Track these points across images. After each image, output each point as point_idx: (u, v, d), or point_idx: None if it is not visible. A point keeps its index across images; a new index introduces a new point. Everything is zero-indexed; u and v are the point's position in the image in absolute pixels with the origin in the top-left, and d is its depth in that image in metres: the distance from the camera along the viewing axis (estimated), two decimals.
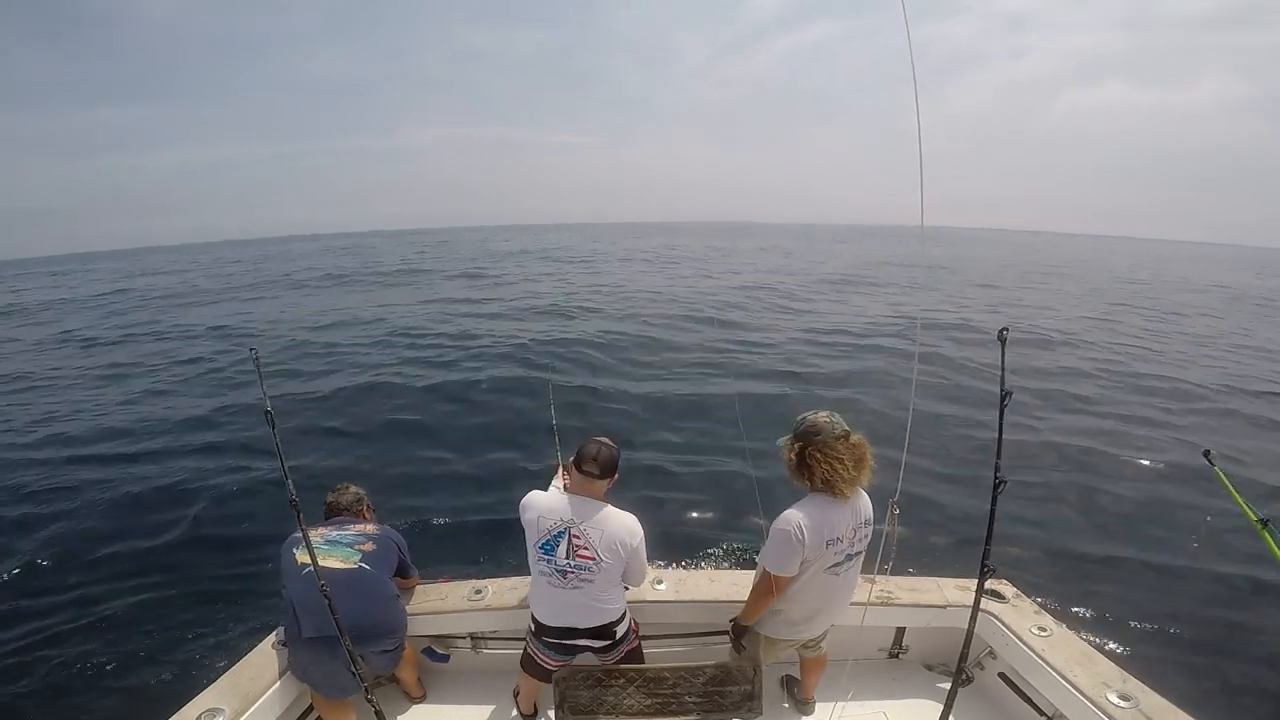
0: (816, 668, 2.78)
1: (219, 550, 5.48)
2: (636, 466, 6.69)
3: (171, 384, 11.32)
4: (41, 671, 4.06)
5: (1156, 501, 6.37)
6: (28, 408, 10.20)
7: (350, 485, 2.95)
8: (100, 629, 4.47)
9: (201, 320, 18.45)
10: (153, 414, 9.40)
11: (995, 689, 2.85)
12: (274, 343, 14.23)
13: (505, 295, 21.38)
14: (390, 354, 12.71)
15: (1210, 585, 4.98)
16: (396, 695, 2.95)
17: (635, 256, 41.31)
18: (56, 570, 5.26)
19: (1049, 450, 7.58)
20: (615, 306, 18.30)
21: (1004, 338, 1.80)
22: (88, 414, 9.61)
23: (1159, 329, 17.18)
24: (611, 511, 2.38)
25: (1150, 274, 41.31)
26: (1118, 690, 2.30)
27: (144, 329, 17.73)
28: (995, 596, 2.86)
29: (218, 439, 8.17)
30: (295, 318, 18.13)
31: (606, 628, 2.47)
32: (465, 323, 15.86)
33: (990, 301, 21.62)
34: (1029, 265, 43.05)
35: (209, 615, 4.55)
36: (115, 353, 14.60)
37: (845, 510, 2.23)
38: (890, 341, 13.61)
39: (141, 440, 8.30)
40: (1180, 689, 2.39)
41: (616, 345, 12.95)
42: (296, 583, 2.44)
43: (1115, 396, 10.08)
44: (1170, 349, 14.40)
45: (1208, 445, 2.48)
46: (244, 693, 2.38)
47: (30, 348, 16.13)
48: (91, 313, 22.74)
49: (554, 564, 2.35)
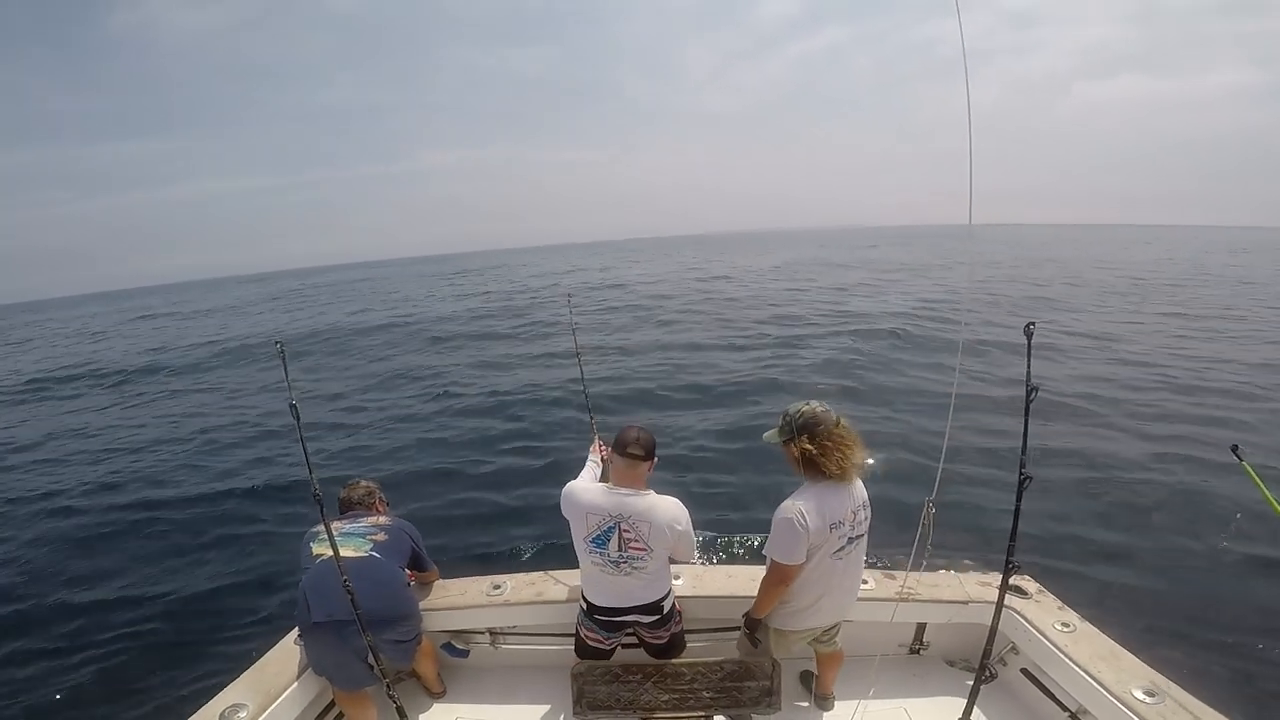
0: (833, 663, 2.76)
1: (239, 548, 5.56)
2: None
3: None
4: (69, 669, 4.16)
5: (1184, 496, 6.26)
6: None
7: (362, 479, 2.99)
8: (125, 627, 4.56)
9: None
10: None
11: (1018, 685, 2.81)
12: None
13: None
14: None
15: (1238, 581, 4.89)
16: (416, 690, 2.97)
17: (794, 273, 34.57)
18: (77, 568, 5.38)
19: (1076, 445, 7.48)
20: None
21: (1030, 333, 1.76)
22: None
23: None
24: (656, 500, 2.40)
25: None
26: (1143, 686, 2.26)
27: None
28: (1018, 592, 2.82)
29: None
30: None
31: (656, 603, 2.50)
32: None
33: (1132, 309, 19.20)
34: (1084, 260, 40.72)
35: (231, 612, 4.62)
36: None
37: (844, 494, 2.26)
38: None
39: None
40: (1206, 685, 2.35)
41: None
42: (310, 571, 2.47)
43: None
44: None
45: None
46: (266, 688, 2.41)
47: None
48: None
49: (607, 556, 2.38)
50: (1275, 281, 27.28)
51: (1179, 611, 4.47)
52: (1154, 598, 4.64)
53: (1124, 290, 23.55)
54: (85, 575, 5.31)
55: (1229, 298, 21.21)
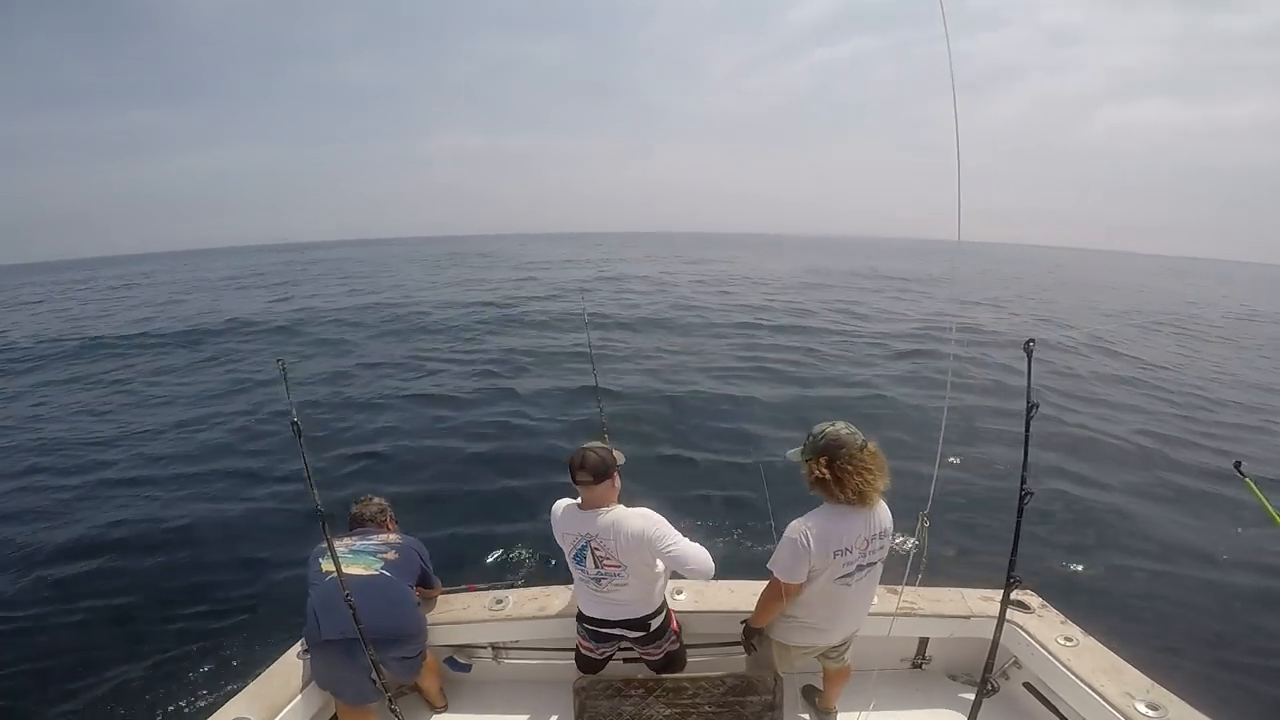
0: (839, 679, 2.76)
1: (243, 561, 5.55)
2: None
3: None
4: (71, 681, 4.15)
5: (1187, 511, 6.25)
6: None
7: (374, 496, 3.02)
8: (129, 639, 4.54)
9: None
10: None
11: (1020, 699, 2.80)
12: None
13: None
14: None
15: (1241, 596, 4.88)
16: (419, 704, 2.97)
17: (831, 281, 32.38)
18: (80, 577, 5.36)
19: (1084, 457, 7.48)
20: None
21: (1030, 349, 1.79)
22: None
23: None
24: (622, 514, 2.40)
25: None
26: (1145, 700, 2.26)
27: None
28: (1021, 607, 2.82)
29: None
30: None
31: (641, 620, 2.52)
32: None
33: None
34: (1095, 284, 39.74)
35: (235, 625, 4.61)
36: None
37: (859, 521, 2.23)
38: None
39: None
40: (1210, 699, 2.34)
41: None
42: (319, 588, 2.50)
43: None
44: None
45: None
46: (270, 701, 2.41)
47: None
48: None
49: (586, 572, 2.46)
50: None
51: (1182, 625, 4.46)
52: (1157, 613, 4.62)
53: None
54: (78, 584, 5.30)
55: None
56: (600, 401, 4.07)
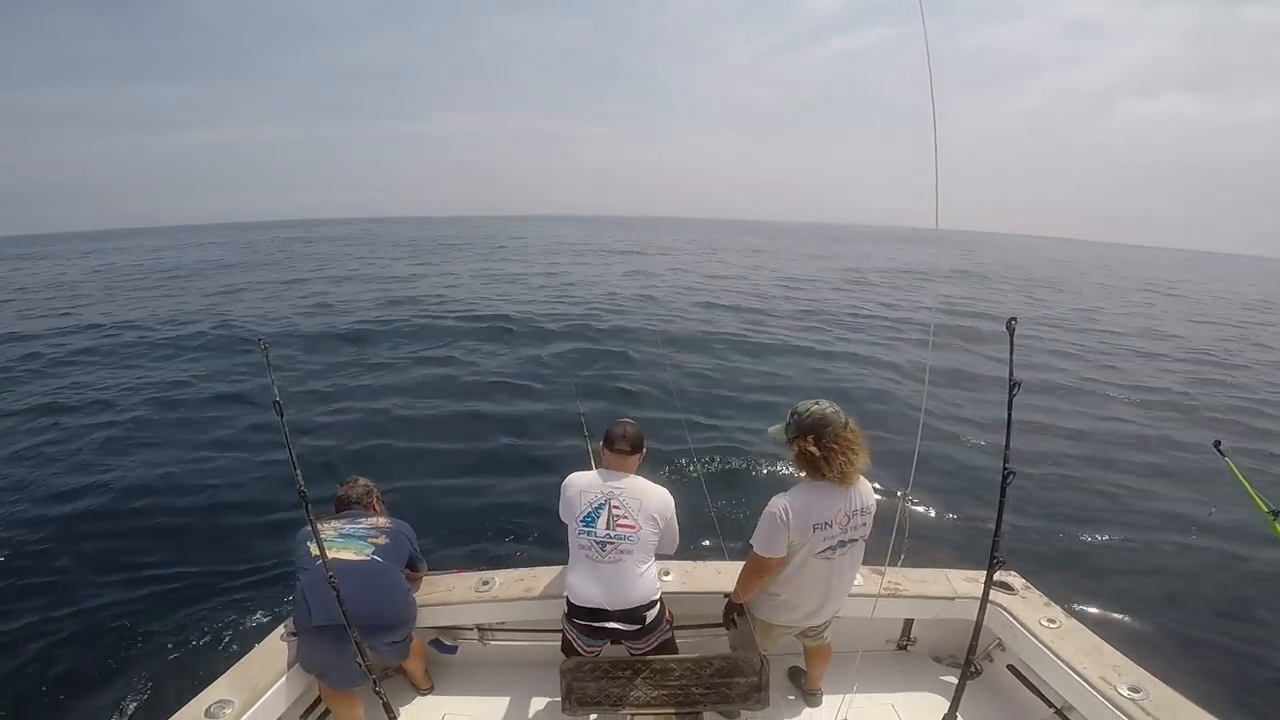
0: (820, 657, 2.78)
1: (226, 541, 5.50)
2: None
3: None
4: (49, 663, 4.09)
5: (1166, 492, 6.34)
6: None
7: (359, 478, 2.96)
8: (108, 620, 4.49)
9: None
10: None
11: (1004, 681, 2.83)
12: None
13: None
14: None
15: (1219, 576, 4.96)
16: (404, 686, 2.96)
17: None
18: (59, 557, 5.28)
19: (1060, 441, 7.55)
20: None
21: (1012, 328, 1.77)
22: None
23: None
24: (646, 484, 2.54)
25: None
26: (1127, 682, 2.28)
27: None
28: (1004, 588, 2.84)
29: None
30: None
31: (636, 611, 2.46)
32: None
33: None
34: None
35: (217, 607, 4.57)
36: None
37: (839, 497, 2.25)
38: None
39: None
40: (1190, 680, 2.38)
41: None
42: (310, 573, 2.46)
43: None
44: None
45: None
46: (253, 684, 2.39)
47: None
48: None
49: (594, 535, 2.43)
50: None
51: (1163, 607, 4.52)
52: (1137, 594, 4.69)
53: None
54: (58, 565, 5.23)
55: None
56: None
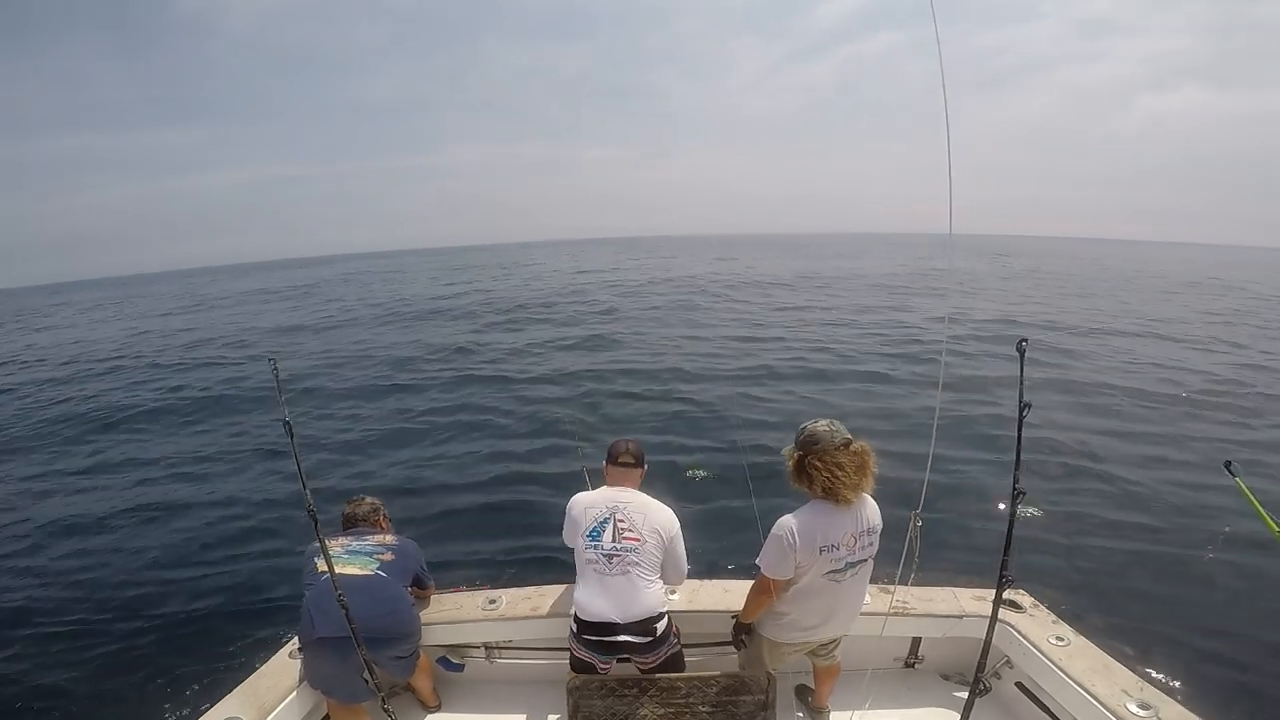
0: (829, 676, 2.77)
1: (235, 561, 5.53)
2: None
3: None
4: (60, 684, 4.11)
5: (1177, 511, 6.28)
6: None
7: (366, 496, 3.01)
8: (117, 640, 4.51)
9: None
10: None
11: (1012, 699, 2.81)
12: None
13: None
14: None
15: (1230, 596, 4.90)
16: (412, 704, 2.96)
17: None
18: (75, 578, 5.33)
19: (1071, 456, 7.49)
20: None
21: (1022, 349, 1.79)
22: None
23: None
24: (651, 500, 2.59)
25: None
26: (1136, 700, 2.27)
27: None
28: (1013, 606, 2.83)
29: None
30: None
31: (646, 623, 2.45)
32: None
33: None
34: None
35: (225, 625, 4.59)
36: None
37: (845, 518, 2.24)
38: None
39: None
40: (1201, 699, 2.36)
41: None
42: (316, 587, 2.49)
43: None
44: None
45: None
46: (261, 701, 2.40)
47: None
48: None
49: (600, 549, 2.46)
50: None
51: (1173, 626, 4.47)
52: (1148, 613, 4.63)
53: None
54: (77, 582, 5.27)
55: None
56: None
